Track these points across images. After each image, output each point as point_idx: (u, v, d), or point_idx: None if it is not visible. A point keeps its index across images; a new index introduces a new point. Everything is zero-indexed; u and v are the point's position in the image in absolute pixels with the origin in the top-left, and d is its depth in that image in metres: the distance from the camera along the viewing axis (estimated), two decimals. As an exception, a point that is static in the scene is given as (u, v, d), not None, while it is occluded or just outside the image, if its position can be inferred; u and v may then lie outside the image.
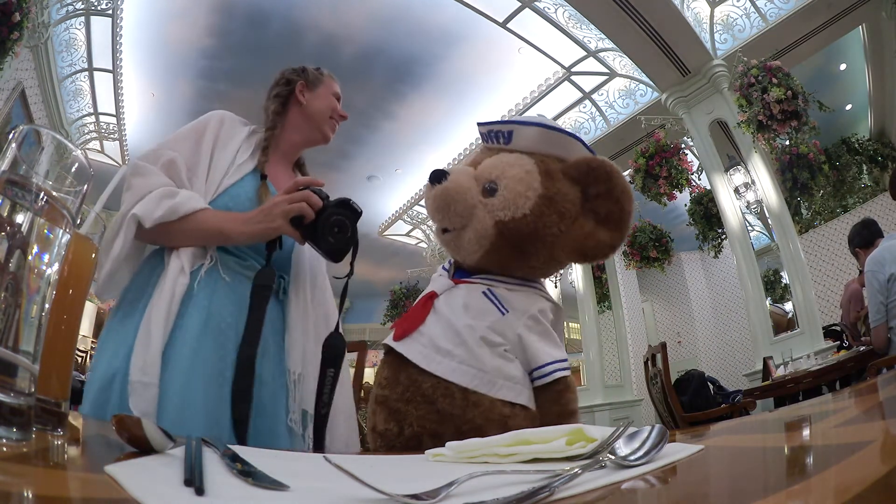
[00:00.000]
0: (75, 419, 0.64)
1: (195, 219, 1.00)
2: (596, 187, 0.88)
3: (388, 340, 0.91)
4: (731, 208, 4.81)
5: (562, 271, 5.86)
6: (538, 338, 0.88)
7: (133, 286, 1.02)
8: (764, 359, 4.21)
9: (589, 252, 0.89)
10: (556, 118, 6.00)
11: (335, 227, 0.97)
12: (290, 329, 1.08)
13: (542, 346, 0.88)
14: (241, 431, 0.92)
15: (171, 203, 0.98)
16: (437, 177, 0.89)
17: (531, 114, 5.94)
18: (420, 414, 0.84)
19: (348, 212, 0.98)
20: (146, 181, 1.01)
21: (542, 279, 0.99)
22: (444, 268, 1.01)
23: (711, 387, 4.15)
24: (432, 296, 0.92)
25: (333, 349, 1.00)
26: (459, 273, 0.96)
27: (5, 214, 0.37)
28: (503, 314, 0.88)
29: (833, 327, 4.20)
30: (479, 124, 0.98)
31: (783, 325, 4.70)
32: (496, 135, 0.94)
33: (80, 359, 6.32)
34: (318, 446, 1.01)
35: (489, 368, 0.84)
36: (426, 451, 0.54)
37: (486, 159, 0.93)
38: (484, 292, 0.90)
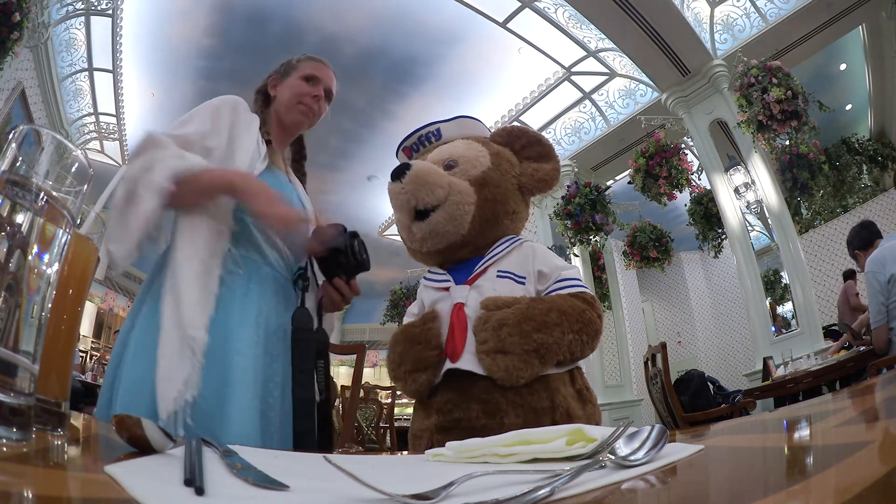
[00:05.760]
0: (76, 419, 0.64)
1: (206, 172, 1.01)
2: (519, 141, 1.09)
3: (447, 365, 0.90)
4: (731, 208, 4.80)
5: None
6: (543, 277, 0.99)
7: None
8: (764, 359, 4.21)
9: (544, 178, 1.08)
10: (556, 118, 6.01)
11: (363, 248, 1.09)
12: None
13: (552, 271, 0.98)
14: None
15: (189, 158, 0.99)
16: (403, 169, 0.98)
17: (532, 114, 5.95)
18: (515, 421, 0.85)
19: (359, 238, 1.10)
20: (163, 153, 0.99)
21: (518, 234, 1.11)
22: (430, 279, 1.03)
23: (711, 387, 4.14)
24: (460, 307, 0.94)
25: (319, 344, 1.07)
26: (459, 272, 0.97)
27: (5, 214, 0.37)
28: (522, 283, 0.97)
29: (833, 327, 4.20)
30: (403, 142, 1.14)
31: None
32: (426, 138, 1.10)
33: (80, 359, 6.32)
34: (325, 432, 1.04)
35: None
36: (426, 451, 0.54)
37: (427, 155, 1.07)
38: (498, 273, 0.96)
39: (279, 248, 1.11)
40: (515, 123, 1.18)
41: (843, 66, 6.18)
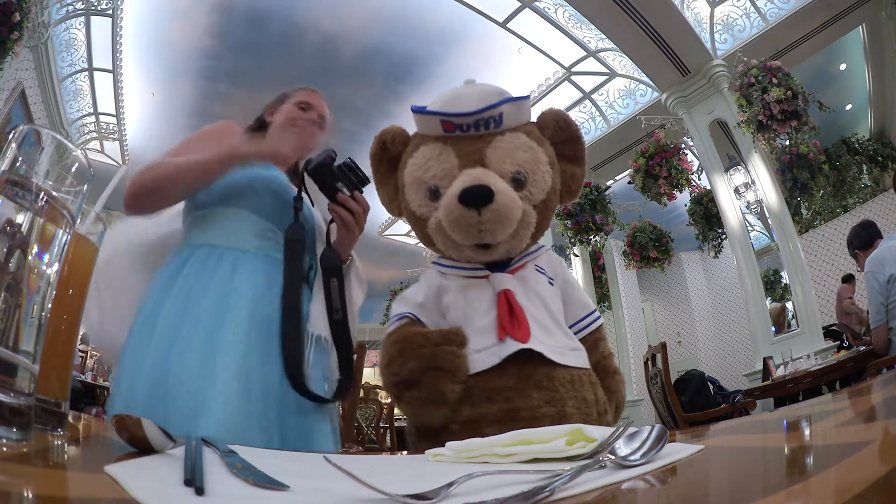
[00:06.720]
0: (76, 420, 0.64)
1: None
2: (562, 134, 1.00)
3: (510, 346, 0.84)
4: (731, 208, 4.81)
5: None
6: (575, 290, 1.02)
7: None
8: (764, 359, 4.21)
9: (576, 192, 1.03)
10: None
11: (356, 165, 1.06)
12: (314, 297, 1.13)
13: (583, 297, 1.02)
14: (294, 374, 0.96)
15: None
16: (484, 196, 0.84)
17: (532, 114, 5.95)
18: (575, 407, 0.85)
19: (352, 159, 1.09)
20: None
21: None
22: (457, 266, 0.97)
23: (711, 387, 4.15)
24: (510, 292, 0.90)
25: (330, 261, 1.08)
26: (498, 264, 0.96)
27: (5, 214, 0.37)
28: (552, 284, 0.97)
29: (833, 327, 4.21)
30: (451, 115, 0.92)
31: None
32: (486, 123, 0.93)
33: (80, 359, 6.32)
34: (344, 349, 1.06)
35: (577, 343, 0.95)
36: (426, 451, 0.54)
37: (486, 150, 0.93)
38: (536, 267, 0.97)
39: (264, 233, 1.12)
40: (553, 108, 1.06)
41: (843, 66, 6.18)
